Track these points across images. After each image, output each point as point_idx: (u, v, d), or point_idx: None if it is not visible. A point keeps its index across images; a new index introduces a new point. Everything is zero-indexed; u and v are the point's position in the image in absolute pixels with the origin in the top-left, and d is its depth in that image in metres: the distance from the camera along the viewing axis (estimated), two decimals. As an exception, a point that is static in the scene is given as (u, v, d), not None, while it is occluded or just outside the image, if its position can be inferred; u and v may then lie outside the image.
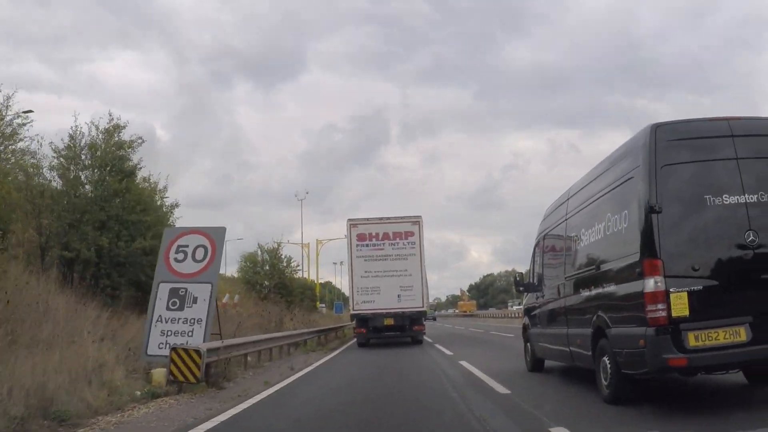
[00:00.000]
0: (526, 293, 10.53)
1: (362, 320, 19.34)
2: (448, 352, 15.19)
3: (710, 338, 5.30)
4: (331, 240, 67.85)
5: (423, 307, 19.42)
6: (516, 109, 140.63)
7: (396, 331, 19.54)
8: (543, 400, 6.84)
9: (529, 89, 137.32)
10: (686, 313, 5.27)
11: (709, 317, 5.31)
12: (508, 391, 7.60)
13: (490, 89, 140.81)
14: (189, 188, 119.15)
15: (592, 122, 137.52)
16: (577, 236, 7.61)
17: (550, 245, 9.10)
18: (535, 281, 9.77)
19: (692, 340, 5.28)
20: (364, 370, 12.40)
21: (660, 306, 5.30)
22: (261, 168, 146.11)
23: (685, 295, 5.30)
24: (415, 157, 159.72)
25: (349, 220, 19.96)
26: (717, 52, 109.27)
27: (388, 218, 20.06)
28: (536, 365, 9.85)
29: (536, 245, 9.92)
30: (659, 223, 5.44)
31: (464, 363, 11.60)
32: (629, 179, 5.95)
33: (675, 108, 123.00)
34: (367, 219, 20.27)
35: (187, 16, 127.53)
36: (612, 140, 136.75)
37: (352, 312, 19.60)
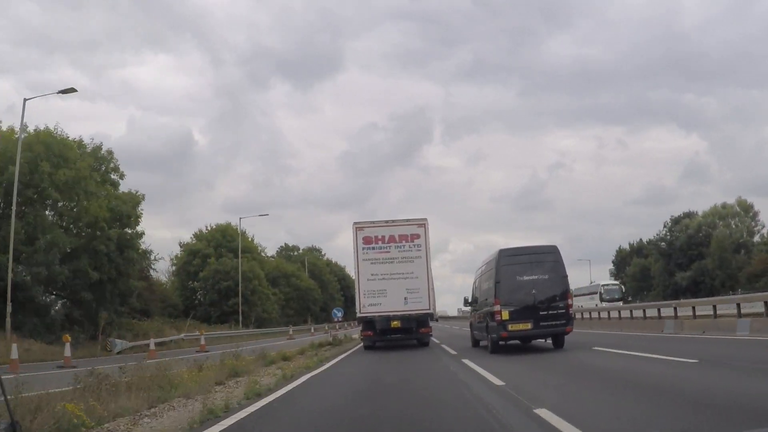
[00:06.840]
0: (469, 306, 20.47)
1: (369, 323, 19.91)
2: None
3: (517, 327, 14.98)
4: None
5: (430, 309, 19.94)
6: (560, 106, 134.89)
7: (402, 334, 20.17)
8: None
9: (572, 85, 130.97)
10: (507, 318, 14.93)
11: (516, 320, 14.96)
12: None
13: (533, 86, 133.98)
14: (229, 192, 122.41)
15: (638, 118, 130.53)
16: (482, 284, 17.53)
17: (476, 285, 18.99)
18: (474, 301, 19.56)
19: (510, 327, 14.96)
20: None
21: (499, 315, 14.98)
22: (300, 170, 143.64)
23: (507, 311, 14.93)
24: (458, 157, 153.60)
25: (355, 223, 20.25)
26: (765, 42, 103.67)
27: (394, 221, 20.38)
28: (475, 344, 19.60)
29: (474, 282, 19.75)
30: (500, 286, 15.17)
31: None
32: (492, 269, 15.77)
33: (724, 103, 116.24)
34: (373, 222, 20.48)
35: (220, 16, 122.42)
36: (659, 137, 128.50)
37: (359, 315, 20.11)
